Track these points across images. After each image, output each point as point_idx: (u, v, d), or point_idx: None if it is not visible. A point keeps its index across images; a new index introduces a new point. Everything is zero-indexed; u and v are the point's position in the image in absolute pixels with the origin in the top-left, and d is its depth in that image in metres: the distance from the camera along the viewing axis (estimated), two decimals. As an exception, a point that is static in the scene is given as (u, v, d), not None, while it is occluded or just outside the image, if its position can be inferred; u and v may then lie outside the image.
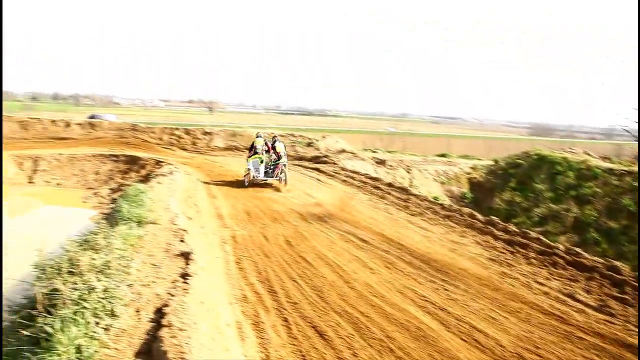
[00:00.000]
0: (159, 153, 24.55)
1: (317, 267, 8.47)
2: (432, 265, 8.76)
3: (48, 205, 17.68)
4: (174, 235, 7.96)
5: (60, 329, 4.02)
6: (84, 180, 20.83)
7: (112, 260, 5.35)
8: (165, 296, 5.16)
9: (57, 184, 20.43)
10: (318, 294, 7.22)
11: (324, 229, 11.18)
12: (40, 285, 4.91)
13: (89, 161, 21.71)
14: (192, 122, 55.17)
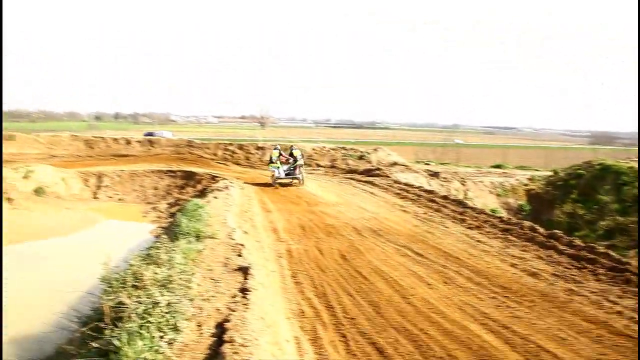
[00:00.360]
0: (213, 168, 25.16)
1: (373, 281, 8.34)
2: (492, 281, 8.43)
3: (111, 220, 18.45)
4: (232, 249, 8.06)
5: (127, 343, 4.12)
6: (143, 195, 21.64)
7: (173, 274, 5.47)
8: (225, 311, 5.21)
9: (118, 199, 21.33)
10: (375, 310, 7.09)
11: (379, 242, 11.04)
12: (107, 298, 5.06)
13: (148, 177, 22.54)
14: (245, 137, 56.42)
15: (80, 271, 12.30)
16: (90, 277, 11.03)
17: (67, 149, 29.60)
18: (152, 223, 17.64)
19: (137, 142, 31.01)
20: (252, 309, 5.17)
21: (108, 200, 21.11)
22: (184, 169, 23.76)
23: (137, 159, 28.04)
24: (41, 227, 16.26)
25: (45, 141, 29.68)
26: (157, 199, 21.10)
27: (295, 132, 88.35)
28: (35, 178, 19.98)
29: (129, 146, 30.42)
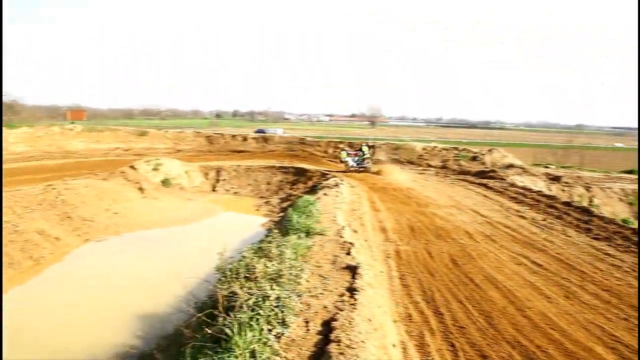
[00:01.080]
0: (324, 165, 25.60)
1: (485, 290, 7.90)
2: (624, 300, 7.57)
3: (227, 211, 19.51)
4: (341, 247, 8.07)
5: (237, 333, 4.27)
6: (257, 189, 22.61)
7: (283, 269, 5.59)
8: (332, 309, 5.20)
9: (234, 193, 22.48)
10: (487, 320, 6.69)
11: (493, 248, 10.45)
12: (221, 287, 5.28)
13: (262, 172, 23.51)
14: (355, 136, 56.76)
15: (199, 258, 13.18)
16: (207, 265, 11.75)
17: (190, 144, 31.90)
18: (264, 216, 18.33)
19: (253, 138, 32.52)
20: (360, 310, 5.10)
21: (225, 193, 22.36)
22: (295, 166, 24.45)
23: (252, 155, 29.42)
24: (167, 216, 17.65)
25: (172, 137, 32.25)
26: (269, 193, 21.93)
27: (405, 131, 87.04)
28: (163, 170, 21.77)
29: (245, 143, 32.01)
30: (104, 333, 8.98)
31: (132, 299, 10.57)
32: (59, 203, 15.49)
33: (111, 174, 20.28)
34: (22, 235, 12.98)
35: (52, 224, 14.36)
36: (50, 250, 13.21)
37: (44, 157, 26.08)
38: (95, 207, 16.60)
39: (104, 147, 29.42)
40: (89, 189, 17.47)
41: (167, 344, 7.89)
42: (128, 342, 8.33)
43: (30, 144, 26.97)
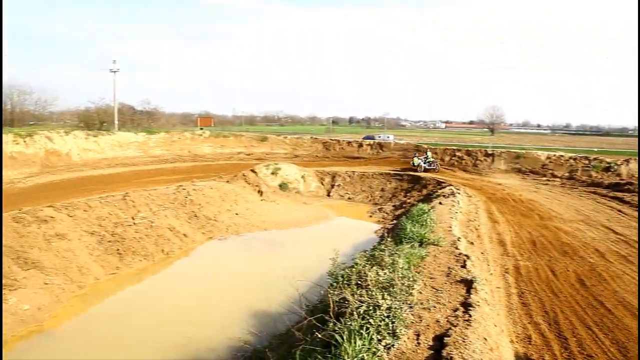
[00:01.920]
0: (439, 174, 24.89)
1: (619, 316, 7.08)
2: None
3: (340, 217, 19.77)
4: (455, 259, 7.76)
5: (347, 340, 4.26)
6: (370, 196, 22.62)
7: (396, 278, 5.48)
8: (445, 324, 5.00)
9: (348, 198, 22.72)
10: (622, 352, 5.99)
11: (629, 271, 9.36)
12: (333, 292, 5.32)
13: (376, 179, 23.48)
14: (473, 143, 54.51)
15: (312, 261, 13.50)
16: (320, 268, 11.96)
17: (307, 150, 32.89)
18: (377, 223, 18.27)
19: (368, 145, 32.64)
20: (475, 327, 4.84)
21: (339, 199, 22.68)
22: (410, 173, 24.08)
23: (366, 162, 29.55)
24: (283, 218, 18.33)
25: (291, 142, 33.51)
26: (383, 200, 21.83)
27: (528, 139, 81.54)
28: (281, 175, 22.69)
29: (360, 149, 32.25)
30: (221, 326, 9.53)
31: (248, 295, 11.10)
32: (187, 203, 16.81)
33: (234, 177, 21.58)
34: (156, 230, 14.27)
35: (181, 221, 15.63)
36: (179, 245, 14.37)
37: (176, 160, 28.55)
38: (218, 207, 17.77)
39: (228, 152, 31.43)
40: (214, 190, 18.73)
41: (279, 343, 8.14)
42: (242, 338, 8.76)
43: (166, 148, 29.68)
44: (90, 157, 24.17)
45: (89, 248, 12.55)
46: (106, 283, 11.81)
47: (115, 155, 26.34)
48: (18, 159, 20.24)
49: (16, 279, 10.29)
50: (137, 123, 39.81)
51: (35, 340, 9.03)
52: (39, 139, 22.24)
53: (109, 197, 15.11)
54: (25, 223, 11.92)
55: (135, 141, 28.56)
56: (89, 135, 26.23)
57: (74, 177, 21.08)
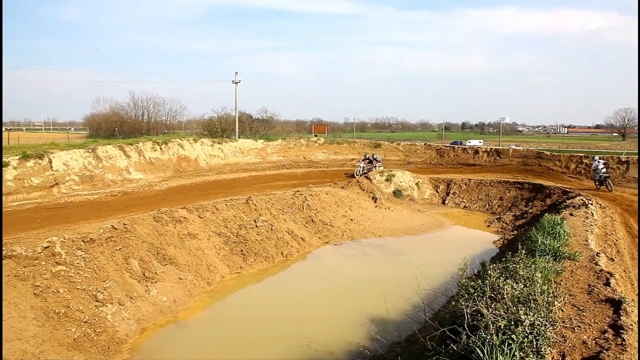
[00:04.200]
0: (564, 182, 23.13)
1: None
2: None
3: (456, 226, 19.14)
4: (596, 276, 7.13)
5: (488, 355, 4.09)
6: (488, 204, 21.62)
7: (535, 293, 5.16)
8: (593, 347, 4.60)
9: (464, 207, 21.92)
10: None
11: None
12: (465, 304, 5.15)
13: (494, 187, 22.40)
14: (601, 149, 49.93)
15: (428, 269, 13.21)
16: (437, 276, 11.68)
17: (420, 157, 32.31)
18: (495, 233, 17.44)
19: (484, 152, 31.27)
20: (631, 353, 4.39)
21: (454, 207, 21.96)
22: (531, 182, 22.64)
23: (482, 169, 28.31)
24: (397, 225, 18.18)
25: (404, 149, 33.15)
26: (501, 210, 20.76)
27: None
28: (395, 181, 22.55)
29: (476, 156, 30.99)
30: (340, 330, 9.67)
31: (365, 301, 11.13)
32: (305, 207, 17.33)
33: (348, 183, 21.87)
34: (276, 233, 14.89)
35: (299, 225, 16.15)
36: (297, 248, 14.86)
37: (292, 166, 29.59)
38: (334, 213, 18.11)
39: (342, 158, 31.88)
40: (329, 196, 19.13)
41: (400, 350, 8.05)
42: (362, 343, 8.80)
43: (283, 154, 30.89)
44: (215, 162, 25.90)
45: (216, 248, 13.44)
46: (231, 281, 12.56)
47: (237, 161, 27.96)
48: (155, 164, 22.31)
49: (156, 272, 11.32)
50: (254, 130, 41.90)
51: (171, 329, 9.85)
52: (173, 146, 24.33)
53: (233, 200, 16.06)
54: (163, 222, 13.07)
55: (255, 148, 30.09)
56: (214, 142, 28.15)
57: (201, 181, 22.73)
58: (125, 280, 10.56)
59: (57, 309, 8.83)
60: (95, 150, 20.04)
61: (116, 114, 67.82)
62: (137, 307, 10.06)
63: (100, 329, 8.97)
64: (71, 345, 8.40)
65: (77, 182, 18.08)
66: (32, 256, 9.57)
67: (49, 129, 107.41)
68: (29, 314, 8.49)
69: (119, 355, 8.61)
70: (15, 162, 16.52)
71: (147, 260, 11.48)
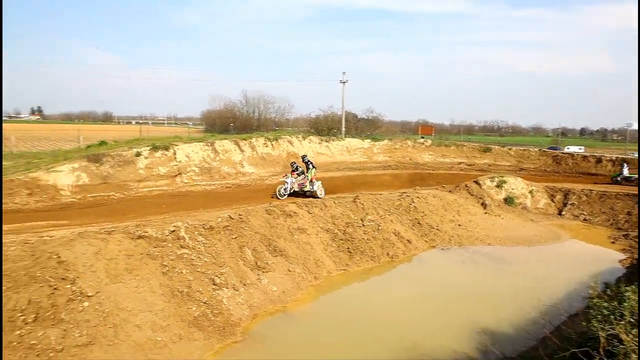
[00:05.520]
0: None
1: None
2: None
3: (574, 239, 17.81)
4: None
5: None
6: (612, 219, 19.82)
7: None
8: None
9: (583, 219, 20.33)
10: None
11: None
12: (599, 326, 4.81)
13: (621, 200, 20.44)
14: None
15: (544, 283, 12.49)
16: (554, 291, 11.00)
17: (534, 163, 30.45)
18: (621, 251, 15.97)
19: (609, 161, 28.70)
20: None
21: (572, 219, 20.41)
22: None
23: (605, 179, 25.93)
24: (508, 234, 17.32)
25: (516, 154, 31.44)
26: (629, 225, 18.89)
27: None
28: (506, 188, 21.49)
29: (598, 165, 28.56)
30: (446, 337, 9.46)
31: (474, 310, 10.80)
32: (411, 209, 17.14)
33: (456, 187, 21.23)
34: (382, 233, 14.90)
35: (405, 227, 16.01)
36: (403, 250, 14.76)
37: (398, 167, 29.32)
38: (440, 217, 17.70)
39: (449, 161, 30.98)
40: (436, 199, 18.73)
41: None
42: (470, 353, 8.53)
43: (389, 154, 30.71)
44: (322, 160, 26.38)
45: (323, 243, 13.76)
46: (337, 277, 12.79)
47: (344, 160, 28.28)
48: (266, 159, 23.29)
49: (267, 263, 11.85)
50: (360, 130, 42.14)
51: (280, 318, 10.28)
52: (282, 143, 25.22)
53: (340, 198, 16.31)
54: (275, 216, 13.63)
55: (361, 147, 30.22)
56: (322, 140, 28.75)
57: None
58: (240, 267, 11.17)
59: (181, 288, 9.58)
60: (213, 144, 21.35)
61: (229, 110, 71.83)
62: (249, 294, 10.60)
63: (217, 311, 9.57)
64: (192, 322, 9.09)
65: (197, 172, 19.41)
66: (161, 238, 10.46)
67: (171, 123, 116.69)
68: (157, 289, 9.31)
69: (232, 337, 9.14)
70: (147, 153, 18.11)
71: (260, 251, 12.04)
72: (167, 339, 8.42)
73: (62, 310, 7.79)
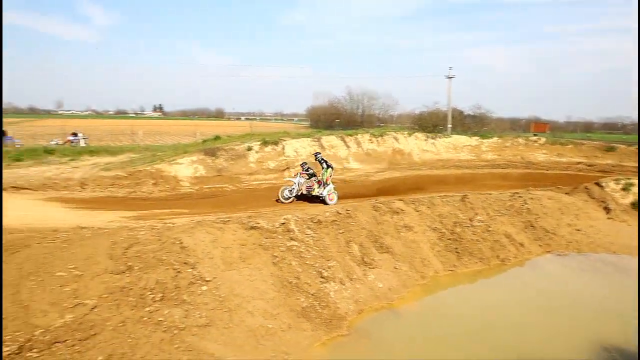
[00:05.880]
0: None
1: None
2: None
3: None
4: None
5: None
6: None
7: None
8: None
9: None
10: None
11: None
12: None
13: None
14: None
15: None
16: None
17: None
18: None
19: None
20: None
21: None
22: None
23: None
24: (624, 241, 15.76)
25: None
26: None
27: None
28: (634, 192, 19.52)
29: None
30: (566, 350, 8.88)
31: (597, 323, 9.99)
32: (524, 211, 16.22)
33: (574, 189, 19.68)
34: (492, 235, 14.28)
35: (517, 229, 15.20)
36: (514, 254, 14.04)
37: (508, 166, 27.83)
38: (557, 220, 16.53)
39: (565, 161, 28.84)
40: (552, 201, 17.53)
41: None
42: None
43: (498, 153, 29.32)
44: (427, 157, 25.94)
45: (430, 242, 13.49)
46: (444, 278, 12.49)
47: (450, 157, 27.49)
48: (372, 156, 23.37)
49: (373, 259, 11.88)
50: (466, 127, 40.71)
51: (386, 315, 10.25)
52: (388, 139, 25.13)
53: (447, 196, 15.87)
54: (381, 212, 13.62)
55: (469, 144, 29.17)
56: (427, 137, 28.20)
57: (414, 175, 22.93)
58: (346, 262, 11.31)
59: (290, 279, 9.93)
60: (320, 139, 21.85)
61: (333, 107, 72.98)
62: (355, 289, 10.71)
63: (324, 304, 9.79)
64: (300, 313, 9.37)
65: (304, 167, 20.02)
66: (272, 230, 10.92)
67: (277, 119, 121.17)
68: (268, 279, 9.73)
69: (338, 330, 9.30)
70: (257, 147, 19.01)
71: (366, 246, 12.11)
72: (277, 327, 8.77)
73: (184, 292, 8.42)
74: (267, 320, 8.79)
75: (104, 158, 20.30)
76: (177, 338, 7.57)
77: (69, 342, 6.86)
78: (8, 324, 6.79)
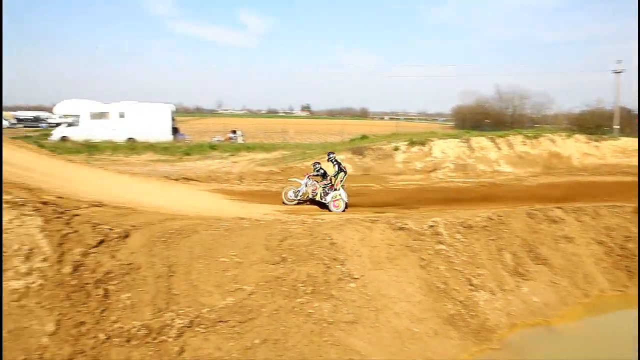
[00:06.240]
0: None
1: None
2: None
3: None
4: None
5: None
6: None
7: None
8: None
9: None
10: None
11: None
12: None
13: None
14: None
15: None
16: None
17: None
18: None
19: None
20: None
21: None
22: None
23: None
24: None
25: None
26: None
27: None
28: None
29: None
30: None
31: None
32: None
33: None
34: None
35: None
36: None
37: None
38: None
39: None
40: None
41: None
42: None
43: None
44: (589, 162, 23.44)
45: (595, 257, 12.17)
46: (612, 299, 11.18)
47: (617, 163, 24.43)
48: (524, 159, 21.76)
49: (527, 270, 11.05)
50: (637, 128, 35.98)
51: (542, 333, 9.50)
52: (543, 141, 23.17)
53: (616, 206, 14.16)
54: (537, 220, 12.61)
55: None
56: (589, 139, 25.46)
57: (573, 181, 20.83)
58: (498, 271, 10.68)
59: (437, 284, 9.64)
60: (469, 140, 20.93)
61: (480, 106, 69.64)
62: (507, 301, 10.07)
63: (472, 313, 9.35)
64: (447, 319, 9.05)
65: (451, 169, 19.33)
66: (420, 232, 10.71)
67: (421, 119, 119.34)
68: (415, 282, 9.56)
69: (488, 343, 8.82)
70: (404, 147, 18.85)
71: (520, 256, 11.32)
72: (423, 332, 8.57)
73: (333, 287, 8.62)
74: (413, 324, 8.65)
75: (259, 154, 21.80)
76: (325, 331, 7.78)
77: (230, 322, 7.43)
78: (181, 300, 7.55)
